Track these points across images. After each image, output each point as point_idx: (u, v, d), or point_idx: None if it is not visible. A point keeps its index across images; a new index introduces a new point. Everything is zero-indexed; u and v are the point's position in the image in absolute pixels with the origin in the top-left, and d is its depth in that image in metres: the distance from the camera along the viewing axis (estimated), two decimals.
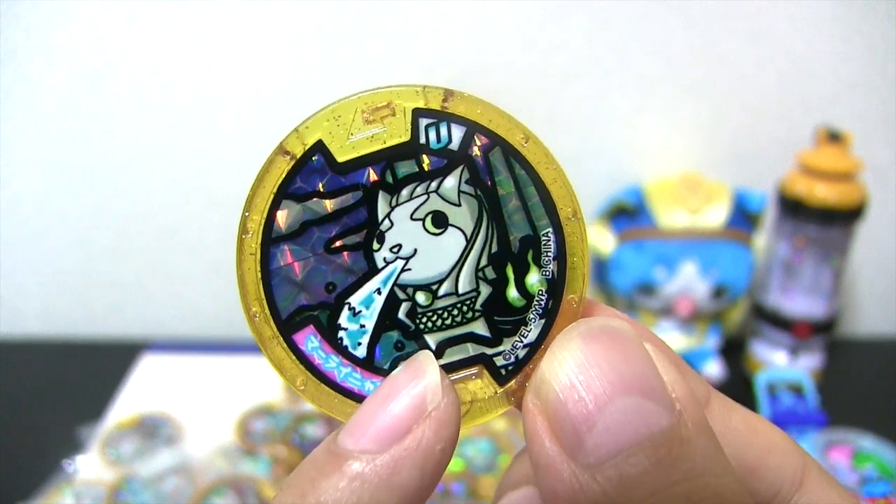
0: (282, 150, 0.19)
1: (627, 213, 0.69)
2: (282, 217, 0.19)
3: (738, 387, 0.70)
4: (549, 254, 0.19)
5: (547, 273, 0.19)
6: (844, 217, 0.65)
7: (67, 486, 0.56)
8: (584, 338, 0.17)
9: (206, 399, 0.67)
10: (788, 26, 0.68)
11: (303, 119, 0.19)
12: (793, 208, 0.66)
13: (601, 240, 0.70)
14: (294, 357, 0.19)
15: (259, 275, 0.19)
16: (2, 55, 0.67)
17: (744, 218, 0.69)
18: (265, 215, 0.19)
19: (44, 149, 0.72)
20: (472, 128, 0.19)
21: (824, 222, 0.65)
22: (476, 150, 0.19)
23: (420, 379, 0.18)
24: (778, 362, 0.71)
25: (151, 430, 0.62)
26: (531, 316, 0.19)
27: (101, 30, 0.67)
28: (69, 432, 0.62)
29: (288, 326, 0.19)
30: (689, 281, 0.67)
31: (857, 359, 0.77)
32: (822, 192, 0.64)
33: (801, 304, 0.69)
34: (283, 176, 0.19)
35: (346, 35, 0.68)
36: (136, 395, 0.68)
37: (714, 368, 0.70)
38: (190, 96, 0.70)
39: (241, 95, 0.70)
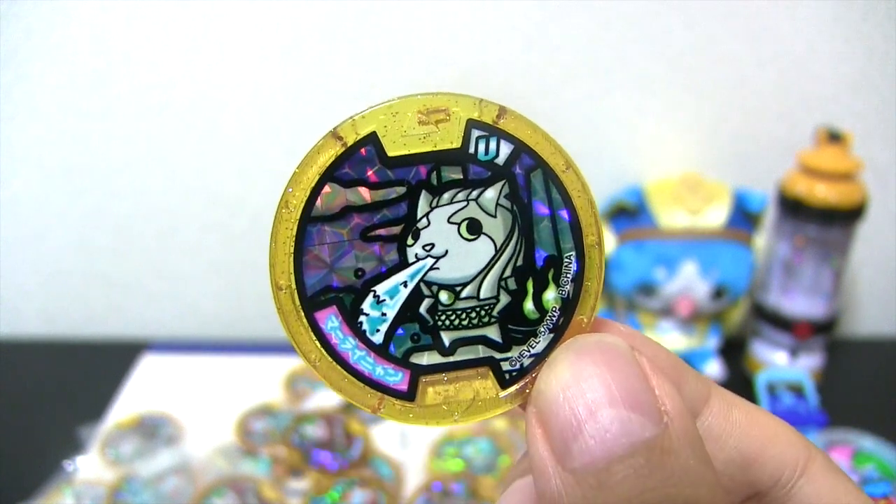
0: (335, 134, 0.20)
1: (628, 213, 0.69)
2: (324, 198, 0.20)
3: (739, 387, 0.70)
4: (568, 275, 0.20)
5: (563, 292, 0.20)
6: (844, 217, 0.65)
7: (67, 486, 0.56)
8: (578, 353, 0.19)
9: (206, 399, 0.67)
10: (788, 26, 0.68)
11: (359, 110, 0.19)
12: (793, 208, 0.66)
13: None
14: (312, 333, 0.20)
15: (292, 250, 0.20)
16: (2, 55, 0.67)
17: (744, 218, 0.69)
18: (308, 194, 0.20)
19: (44, 149, 0.72)
20: (520, 147, 0.20)
21: (824, 222, 0.65)
22: (519, 169, 0.20)
23: None
24: (778, 362, 0.71)
25: (151, 430, 0.62)
26: (542, 329, 0.20)
27: (101, 30, 0.67)
28: (69, 432, 0.62)
29: (311, 304, 0.20)
30: (689, 281, 0.67)
31: (857, 359, 0.77)
32: (823, 192, 0.64)
33: (801, 304, 0.69)
34: (332, 160, 0.19)
35: (347, 35, 0.68)
36: (136, 395, 0.68)
37: (714, 368, 0.70)
38: (190, 96, 0.70)
39: (242, 95, 0.70)
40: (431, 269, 0.20)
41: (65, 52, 0.68)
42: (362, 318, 0.20)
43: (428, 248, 0.20)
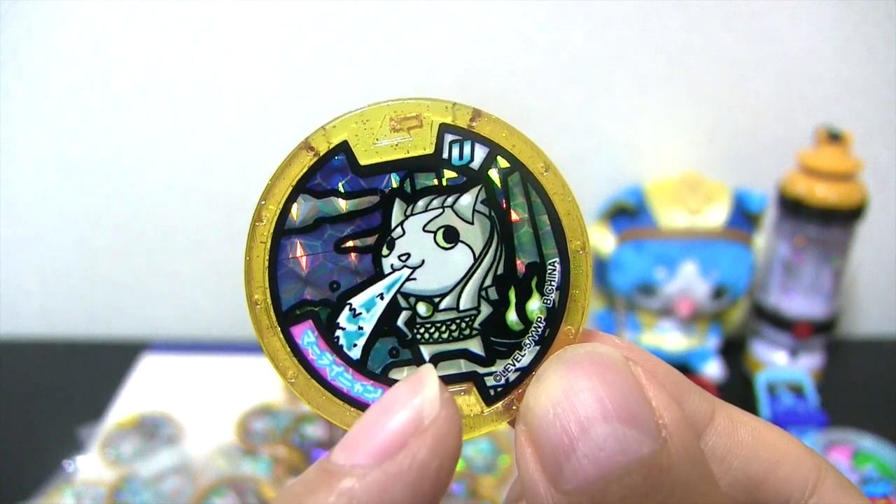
0: (306, 145, 0.19)
1: (628, 213, 0.69)
2: (297, 210, 0.19)
3: (739, 387, 0.70)
4: (552, 283, 0.19)
5: (548, 301, 0.19)
6: (844, 217, 0.65)
7: (67, 486, 0.56)
8: (568, 365, 0.17)
9: (206, 399, 0.67)
10: (788, 26, 0.68)
11: (331, 118, 0.19)
12: (793, 208, 0.66)
13: (601, 240, 0.70)
14: (289, 349, 0.20)
15: (267, 263, 0.19)
16: (2, 55, 0.67)
17: (744, 218, 0.69)
18: (281, 206, 0.19)
19: (44, 149, 0.72)
20: (495, 150, 0.19)
21: (824, 222, 0.65)
22: (496, 173, 0.19)
23: (418, 391, 0.17)
24: (778, 362, 0.71)
25: (151, 430, 0.62)
26: (527, 341, 0.20)
27: (101, 30, 0.67)
28: (69, 432, 0.62)
29: (287, 318, 0.19)
30: (689, 281, 0.67)
31: (857, 359, 0.77)
32: (822, 192, 0.64)
33: (801, 304, 0.69)
34: (304, 171, 0.19)
35: (348, 35, 0.68)
36: (136, 395, 0.68)
37: (714, 368, 0.70)
38: (190, 96, 0.70)
39: (242, 95, 0.70)
40: (408, 279, 0.19)
41: (65, 52, 0.68)
42: (339, 333, 0.19)
43: (404, 258, 0.19)
